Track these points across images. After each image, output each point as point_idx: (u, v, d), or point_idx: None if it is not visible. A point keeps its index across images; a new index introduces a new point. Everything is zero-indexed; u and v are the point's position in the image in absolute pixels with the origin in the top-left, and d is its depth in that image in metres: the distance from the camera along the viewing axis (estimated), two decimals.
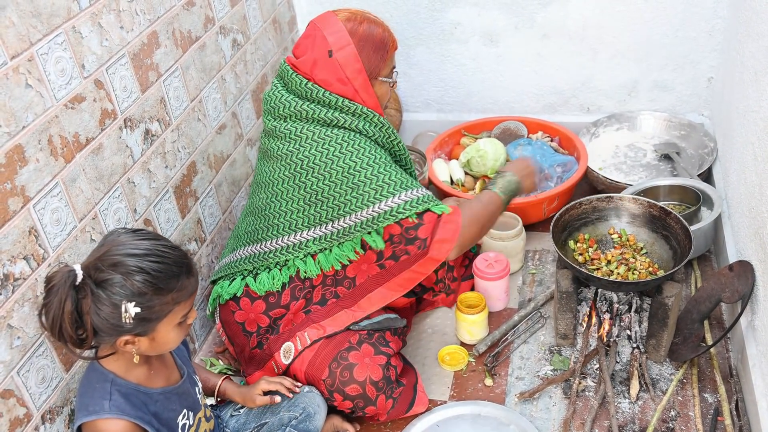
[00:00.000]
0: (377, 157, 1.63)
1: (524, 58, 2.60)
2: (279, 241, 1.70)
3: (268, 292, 1.73)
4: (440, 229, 1.61)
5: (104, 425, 1.24)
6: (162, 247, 1.25)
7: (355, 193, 1.60)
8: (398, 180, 1.61)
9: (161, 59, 1.79)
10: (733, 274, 1.77)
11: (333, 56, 1.63)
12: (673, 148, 2.46)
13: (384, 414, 1.69)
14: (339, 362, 1.66)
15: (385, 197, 1.59)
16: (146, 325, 1.23)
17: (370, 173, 1.60)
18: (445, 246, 1.62)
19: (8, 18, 1.30)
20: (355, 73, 1.64)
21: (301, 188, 1.64)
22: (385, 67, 1.69)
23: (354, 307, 1.73)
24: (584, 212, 1.93)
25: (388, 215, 1.59)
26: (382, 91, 1.72)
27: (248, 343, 1.78)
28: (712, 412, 1.69)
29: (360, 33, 1.65)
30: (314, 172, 1.62)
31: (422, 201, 1.61)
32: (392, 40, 1.71)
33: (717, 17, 2.35)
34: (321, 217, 1.65)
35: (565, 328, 1.88)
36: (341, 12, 1.69)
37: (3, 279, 1.29)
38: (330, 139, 1.62)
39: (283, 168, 1.66)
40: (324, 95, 1.63)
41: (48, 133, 1.40)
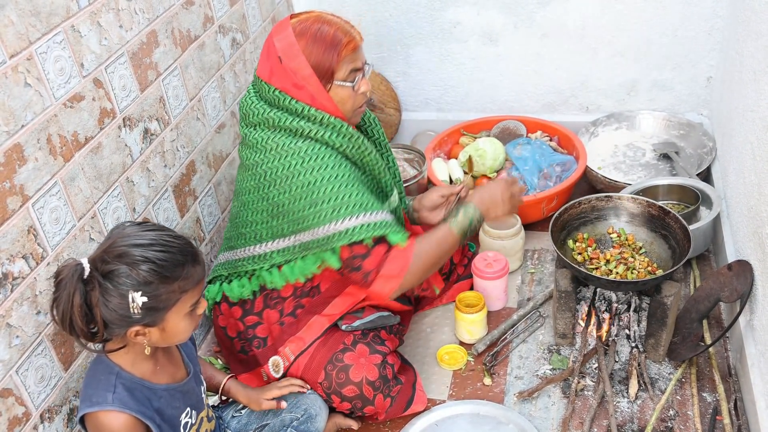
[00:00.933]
0: (340, 174, 1.55)
1: (523, 58, 2.60)
2: (247, 250, 1.70)
3: (240, 299, 1.73)
4: (387, 263, 1.55)
5: (106, 417, 1.25)
6: (166, 236, 1.26)
7: (312, 209, 1.54)
8: (358, 201, 1.54)
9: (160, 58, 1.79)
10: (732, 273, 1.77)
11: (282, 62, 1.55)
12: (672, 148, 2.47)
13: (383, 413, 1.69)
14: (334, 364, 1.66)
15: (342, 216, 1.53)
16: (155, 315, 1.23)
17: (329, 190, 1.53)
18: (390, 283, 1.56)
19: (7, 17, 1.29)
20: (306, 78, 1.55)
21: (264, 200, 1.61)
22: (339, 69, 1.56)
23: (323, 314, 1.71)
24: (583, 211, 1.94)
25: (342, 236, 1.53)
26: (342, 95, 1.59)
27: (233, 347, 1.79)
28: (711, 412, 1.69)
29: (308, 36, 1.55)
30: (276, 185, 1.57)
31: (379, 226, 1.54)
32: (348, 40, 1.57)
33: (716, 17, 2.35)
34: (283, 230, 1.61)
35: (564, 328, 1.88)
36: (298, 15, 1.61)
37: (2, 278, 1.29)
38: (294, 151, 1.55)
39: (250, 178, 1.63)
40: (290, 103, 1.57)
41: (47, 132, 1.40)
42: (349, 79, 1.59)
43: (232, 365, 1.81)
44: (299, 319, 1.71)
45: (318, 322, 1.70)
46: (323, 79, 1.56)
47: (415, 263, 1.57)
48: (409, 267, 1.56)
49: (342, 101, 1.60)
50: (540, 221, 2.33)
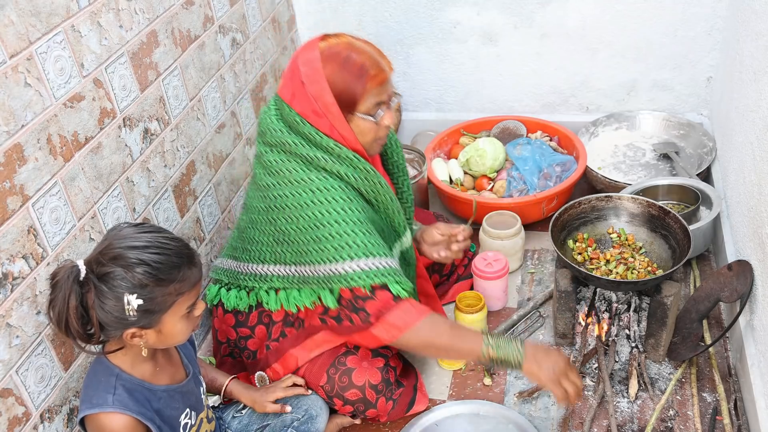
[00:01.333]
0: (349, 212, 1.50)
1: (523, 58, 2.60)
2: (249, 266, 1.68)
3: (235, 309, 1.73)
4: (396, 312, 1.50)
5: (107, 419, 1.25)
6: (163, 238, 1.25)
7: (316, 246, 1.51)
8: (362, 244, 1.49)
9: (160, 58, 1.79)
10: (732, 273, 1.77)
11: (305, 87, 1.50)
12: (672, 148, 2.47)
13: (384, 415, 1.69)
14: (337, 367, 1.66)
15: (343, 259, 1.49)
16: (150, 317, 1.23)
17: (335, 230, 1.49)
18: (391, 332, 1.51)
19: (7, 17, 1.29)
20: (327, 106, 1.49)
21: (271, 224, 1.58)
22: (362, 102, 1.50)
23: (299, 347, 1.69)
24: (583, 211, 1.94)
25: (341, 278, 1.50)
26: (363, 127, 1.53)
27: (220, 350, 1.80)
28: (711, 412, 1.69)
29: (335, 63, 1.48)
30: (284, 213, 1.53)
31: (380, 273, 1.49)
32: (375, 72, 1.49)
33: (716, 17, 2.35)
34: (286, 258, 1.59)
35: (564, 328, 1.88)
36: (328, 38, 1.54)
37: (2, 278, 1.29)
38: (306, 184, 1.51)
39: (261, 198, 1.60)
40: (310, 132, 1.51)
41: (47, 132, 1.40)
42: (372, 113, 1.53)
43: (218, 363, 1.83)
44: (281, 346, 1.70)
45: (290, 358, 1.69)
46: (345, 108, 1.51)
47: (423, 328, 1.50)
48: (416, 326, 1.50)
49: (362, 133, 1.55)
50: (540, 221, 2.33)
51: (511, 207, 2.22)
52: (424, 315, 1.52)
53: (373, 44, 1.56)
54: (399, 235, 1.71)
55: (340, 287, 1.52)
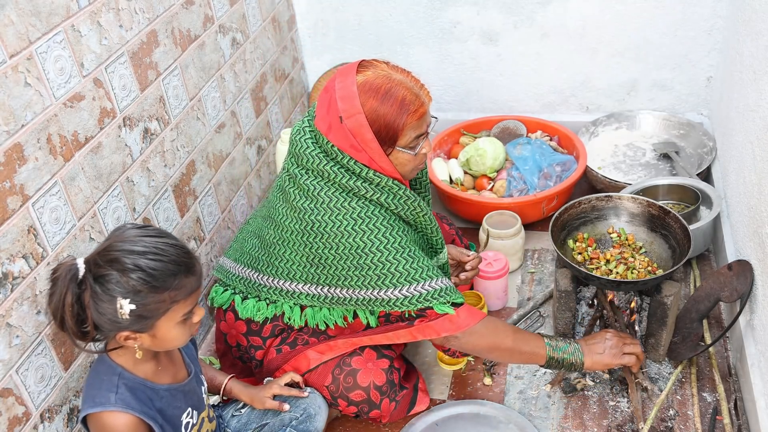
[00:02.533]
0: (391, 241, 1.50)
1: (523, 58, 2.60)
2: (275, 281, 1.66)
3: (249, 318, 1.71)
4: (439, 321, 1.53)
5: (109, 417, 1.25)
6: (163, 244, 1.25)
7: (358, 273, 1.51)
8: (404, 272, 1.50)
9: (160, 58, 1.79)
10: (732, 273, 1.77)
11: (343, 122, 1.47)
12: (672, 148, 2.46)
13: (387, 416, 1.69)
14: (342, 368, 1.65)
15: (387, 287, 1.50)
16: (143, 322, 1.23)
17: (377, 259, 1.49)
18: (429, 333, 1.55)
19: (7, 16, 1.29)
20: (366, 142, 1.48)
21: (307, 247, 1.55)
22: (402, 136, 1.49)
23: (313, 349, 1.68)
24: (583, 211, 1.93)
25: (383, 303, 1.52)
26: (402, 159, 1.53)
27: (230, 352, 1.79)
28: (711, 411, 1.69)
29: (375, 98, 1.46)
30: (323, 238, 1.51)
31: (424, 298, 1.51)
32: (416, 107, 1.47)
33: (716, 16, 2.35)
34: (319, 279, 1.58)
35: (564, 327, 1.88)
36: (366, 69, 1.50)
37: (2, 278, 1.29)
38: (346, 211, 1.50)
39: (296, 219, 1.56)
40: (349, 163, 1.50)
41: (47, 132, 1.40)
42: (412, 145, 1.52)
43: (224, 365, 1.82)
44: (297, 350, 1.69)
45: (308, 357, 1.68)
46: (385, 143, 1.50)
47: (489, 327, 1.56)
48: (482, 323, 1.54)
49: (402, 164, 1.55)
50: (540, 221, 2.33)
51: (511, 207, 2.22)
52: (482, 316, 1.55)
53: (410, 73, 1.53)
54: (436, 252, 1.72)
55: (381, 310, 1.55)
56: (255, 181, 2.38)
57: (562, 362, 1.60)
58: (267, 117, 2.47)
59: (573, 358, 1.60)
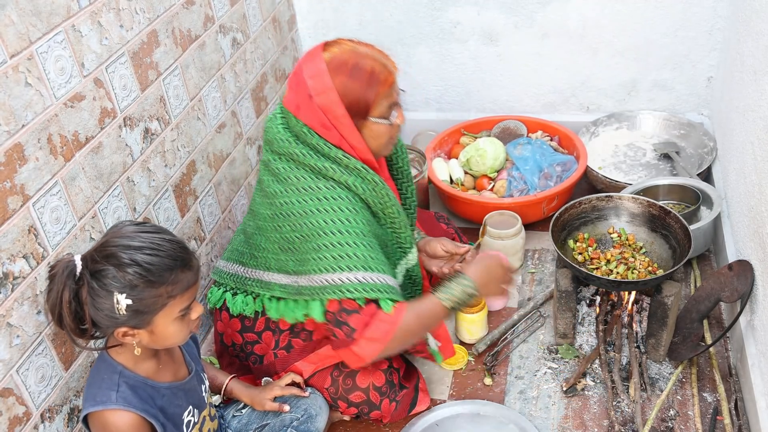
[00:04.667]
0: (353, 224, 1.49)
1: (524, 58, 2.60)
2: (256, 273, 1.67)
3: (241, 314, 1.72)
4: (373, 325, 1.47)
5: (111, 416, 1.25)
6: (160, 239, 1.25)
7: (315, 254, 1.49)
8: (362, 257, 1.47)
9: (161, 58, 1.79)
10: (733, 273, 1.77)
11: (313, 100, 1.49)
12: (672, 148, 2.46)
13: (388, 416, 1.69)
14: (341, 370, 1.65)
15: (341, 270, 1.46)
16: (141, 318, 1.23)
17: (336, 240, 1.47)
18: (373, 345, 1.47)
19: (8, 16, 1.29)
20: (337, 118, 1.49)
21: (277, 231, 1.57)
22: (375, 107, 1.50)
23: (304, 361, 1.68)
24: (584, 211, 1.93)
25: (335, 288, 1.47)
26: (377, 131, 1.54)
27: (227, 352, 1.79)
28: (712, 412, 1.69)
29: (344, 73, 1.47)
30: (290, 221, 1.52)
31: (376, 289, 1.47)
32: (385, 75, 1.50)
33: (717, 16, 2.35)
34: (288, 267, 1.58)
35: (564, 328, 1.88)
36: (331, 47, 1.52)
37: (2, 277, 1.29)
38: (313, 192, 1.51)
39: (268, 205, 1.59)
40: (318, 143, 1.51)
41: (47, 132, 1.40)
42: (386, 115, 1.54)
43: (223, 365, 1.82)
44: (290, 356, 1.69)
45: (298, 368, 1.68)
46: (357, 117, 1.51)
47: (401, 330, 1.49)
48: (395, 334, 1.48)
49: (377, 136, 1.55)
50: (540, 221, 2.32)
51: (511, 207, 2.22)
52: (399, 319, 1.49)
53: (374, 46, 1.55)
54: (405, 253, 1.70)
55: (329, 299, 1.49)
56: (255, 181, 2.38)
57: (462, 304, 1.57)
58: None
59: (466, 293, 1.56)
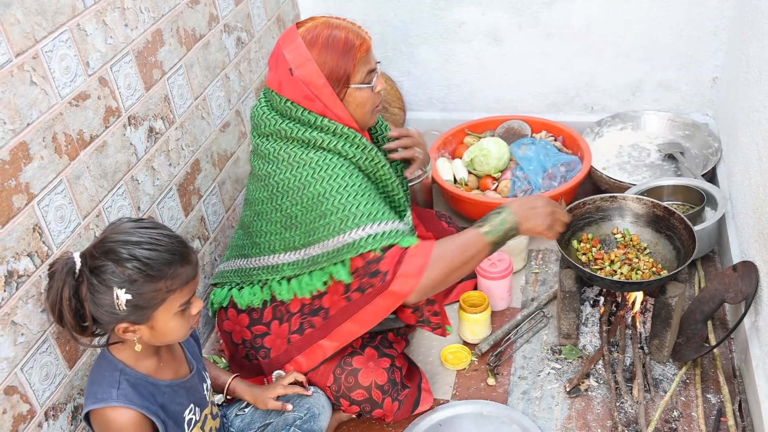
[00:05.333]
0: (350, 184, 1.52)
1: (528, 58, 2.60)
2: (260, 260, 1.68)
3: (249, 307, 1.72)
4: (405, 262, 1.48)
5: (112, 413, 1.25)
6: (158, 234, 1.25)
7: (322, 222, 1.52)
8: (366, 211, 1.50)
9: (165, 57, 1.79)
10: (737, 274, 1.77)
11: (294, 74, 1.54)
12: (677, 148, 2.46)
13: (390, 416, 1.69)
14: (343, 368, 1.66)
15: (349, 228, 1.49)
16: (141, 313, 1.23)
17: (338, 201, 1.51)
18: (409, 281, 1.48)
19: (13, 15, 1.30)
20: (318, 88, 1.53)
21: (278, 210, 1.59)
22: (355, 73, 1.56)
23: (326, 339, 1.67)
24: (588, 212, 1.93)
25: (350, 248, 1.50)
26: (360, 98, 1.58)
27: (237, 352, 1.79)
28: (716, 413, 1.68)
29: (319, 44, 1.53)
30: (288, 196, 1.55)
31: (388, 236, 1.49)
32: (360, 42, 1.56)
33: (722, 17, 2.35)
34: (295, 242, 1.60)
35: (568, 328, 1.88)
36: (304, 23, 1.58)
37: (7, 276, 1.29)
38: (305, 162, 1.54)
39: (262, 188, 1.61)
40: (303, 114, 1.55)
41: (52, 131, 1.41)
42: (366, 80, 1.58)
43: (234, 368, 1.82)
44: (306, 338, 1.69)
45: (319, 350, 1.68)
46: (338, 86, 1.55)
47: (435, 263, 1.48)
48: (429, 265, 1.48)
49: (361, 104, 1.59)
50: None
51: None
52: (430, 251, 1.49)
53: (346, 19, 1.63)
54: (400, 216, 1.71)
55: (351, 257, 1.52)
56: None
57: (504, 237, 1.54)
58: None
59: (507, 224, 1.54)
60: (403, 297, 1.51)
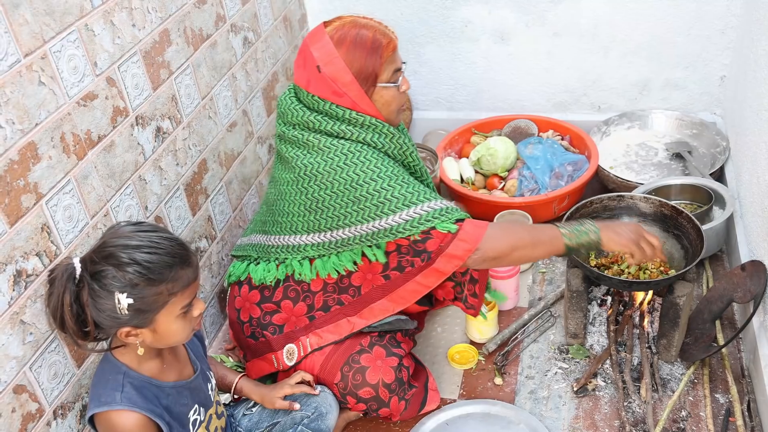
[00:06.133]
0: (383, 170, 1.55)
1: (535, 57, 2.59)
2: (281, 239, 1.69)
3: (262, 284, 1.72)
4: (453, 245, 1.51)
5: (116, 417, 1.25)
6: (158, 237, 1.25)
7: (356, 207, 1.54)
8: (401, 196, 1.52)
9: (173, 57, 1.79)
10: (746, 274, 1.76)
11: (321, 71, 1.56)
12: (684, 147, 2.45)
13: (397, 415, 1.69)
14: (351, 365, 1.66)
15: (386, 215, 1.52)
16: (143, 317, 1.23)
17: (372, 188, 1.53)
18: (453, 261, 1.52)
19: (22, 16, 1.30)
20: (347, 85, 1.56)
21: (303, 194, 1.60)
22: (382, 72, 1.58)
23: (356, 316, 1.69)
24: (595, 211, 1.93)
25: (387, 232, 1.53)
26: (387, 97, 1.61)
27: (242, 331, 1.78)
28: (724, 413, 1.68)
29: (347, 42, 1.56)
30: (317, 180, 1.57)
31: (425, 219, 1.51)
32: (387, 41, 1.58)
33: (730, 15, 2.34)
34: (320, 225, 1.60)
35: (575, 328, 1.88)
36: (332, 22, 1.61)
37: (16, 275, 1.30)
38: (336, 148, 1.56)
39: (289, 170, 1.63)
40: (331, 108, 1.57)
41: (60, 131, 1.41)
42: (393, 80, 1.61)
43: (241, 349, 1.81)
44: (332, 315, 1.69)
45: (346, 324, 1.69)
46: (365, 84, 1.58)
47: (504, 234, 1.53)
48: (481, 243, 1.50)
49: (387, 102, 1.62)
50: (551, 221, 2.32)
51: (522, 206, 2.21)
52: (480, 233, 1.51)
53: (373, 18, 1.63)
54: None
55: (388, 241, 1.54)
56: (266, 180, 2.38)
57: (580, 242, 1.55)
58: None
59: (590, 236, 1.55)
60: (445, 274, 1.55)
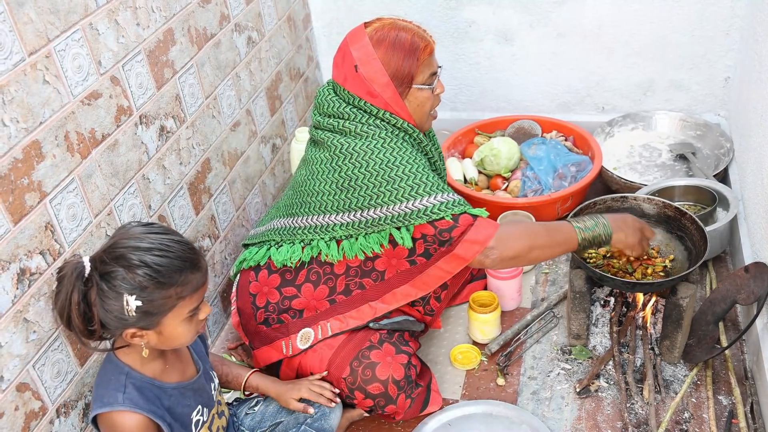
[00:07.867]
0: (417, 158, 1.59)
1: (539, 57, 2.59)
2: (308, 219, 1.69)
3: (284, 267, 1.72)
4: (473, 230, 1.56)
5: (118, 417, 1.25)
6: (168, 241, 1.25)
7: (390, 186, 1.56)
8: (435, 182, 1.57)
9: (176, 56, 1.80)
10: (749, 275, 1.76)
11: (358, 71, 1.61)
12: (688, 148, 2.45)
13: (402, 413, 1.69)
14: (361, 360, 1.66)
15: (420, 195, 1.55)
16: (150, 319, 1.23)
17: (407, 170, 1.57)
18: (474, 247, 1.55)
19: (26, 14, 1.31)
20: (382, 86, 1.60)
21: (336, 172, 1.62)
22: (418, 74, 1.63)
23: (378, 301, 1.70)
24: (598, 212, 1.92)
25: (421, 213, 1.55)
26: (421, 98, 1.66)
27: (254, 317, 1.77)
28: (727, 415, 1.67)
29: (386, 44, 1.61)
30: (352, 158, 1.60)
31: (458, 204, 1.56)
32: (425, 44, 1.64)
33: (734, 16, 2.33)
34: (351, 204, 1.62)
35: (578, 328, 1.87)
36: (371, 23, 1.66)
37: (19, 273, 1.30)
38: (372, 134, 1.61)
39: (323, 150, 1.66)
40: (366, 105, 1.62)
41: (64, 129, 1.42)
42: (428, 82, 1.65)
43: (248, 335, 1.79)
44: (353, 299, 1.70)
45: (368, 309, 1.70)
46: (401, 86, 1.62)
47: (507, 234, 1.57)
48: (497, 234, 1.55)
49: (421, 104, 1.66)
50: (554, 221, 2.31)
51: (525, 207, 2.21)
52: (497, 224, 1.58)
53: (413, 22, 1.68)
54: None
55: (417, 224, 1.57)
56: (269, 180, 2.39)
57: (593, 240, 1.63)
58: (282, 115, 2.48)
59: (602, 232, 1.63)
60: (466, 260, 1.57)
